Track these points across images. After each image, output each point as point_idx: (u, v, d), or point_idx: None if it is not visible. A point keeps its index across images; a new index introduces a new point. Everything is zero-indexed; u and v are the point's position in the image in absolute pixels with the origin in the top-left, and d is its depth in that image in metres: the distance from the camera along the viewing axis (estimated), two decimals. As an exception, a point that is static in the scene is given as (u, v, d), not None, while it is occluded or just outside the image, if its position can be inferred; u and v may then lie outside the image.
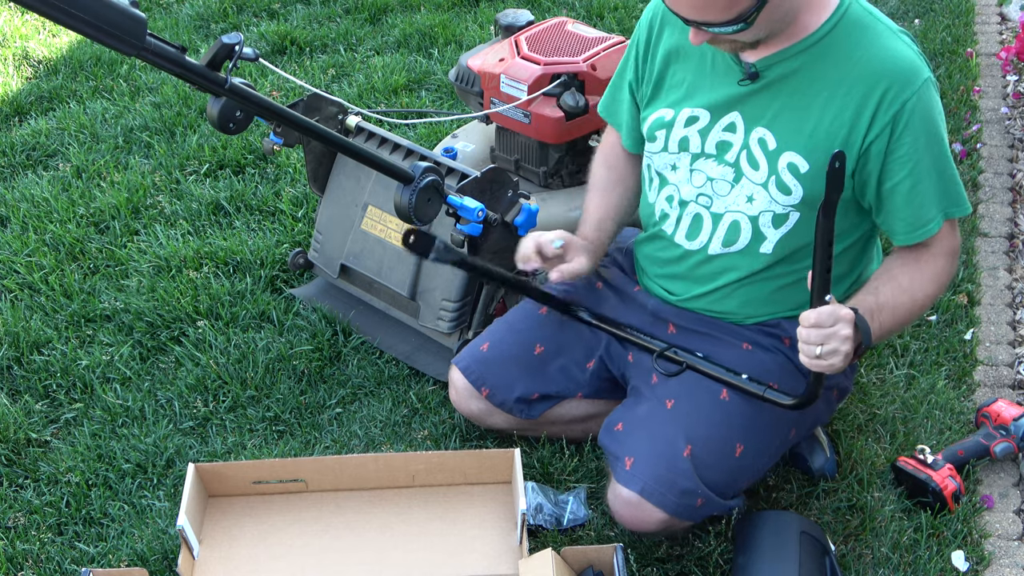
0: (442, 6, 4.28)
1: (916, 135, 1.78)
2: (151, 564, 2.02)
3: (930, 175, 1.81)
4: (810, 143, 1.83)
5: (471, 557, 1.96)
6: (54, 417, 2.41)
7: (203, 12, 4.25)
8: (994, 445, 2.14)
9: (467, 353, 2.18)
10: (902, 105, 1.76)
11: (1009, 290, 2.66)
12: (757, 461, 1.96)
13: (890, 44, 1.80)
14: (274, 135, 2.39)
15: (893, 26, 1.84)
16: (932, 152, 1.80)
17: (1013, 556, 2.00)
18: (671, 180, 2.00)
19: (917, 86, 1.77)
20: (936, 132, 1.81)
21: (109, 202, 3.07)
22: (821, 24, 1.80)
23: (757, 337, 2.00)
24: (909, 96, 1.76)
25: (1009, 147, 3.19)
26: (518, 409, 2.13)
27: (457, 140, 2.88)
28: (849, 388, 2.14)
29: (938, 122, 1.81)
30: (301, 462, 2.06)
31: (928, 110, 1.78)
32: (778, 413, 1.93)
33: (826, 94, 1.80)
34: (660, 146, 1.99)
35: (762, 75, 1.84)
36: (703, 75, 1.92)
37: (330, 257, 2.66)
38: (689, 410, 1.93)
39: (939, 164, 1.82)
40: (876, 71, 1.78)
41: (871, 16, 1.83)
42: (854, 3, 1.82)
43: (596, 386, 2.16)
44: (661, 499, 1.86)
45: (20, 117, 3.62)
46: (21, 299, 2.74)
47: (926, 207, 1.83)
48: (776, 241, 1.90)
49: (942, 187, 1.83)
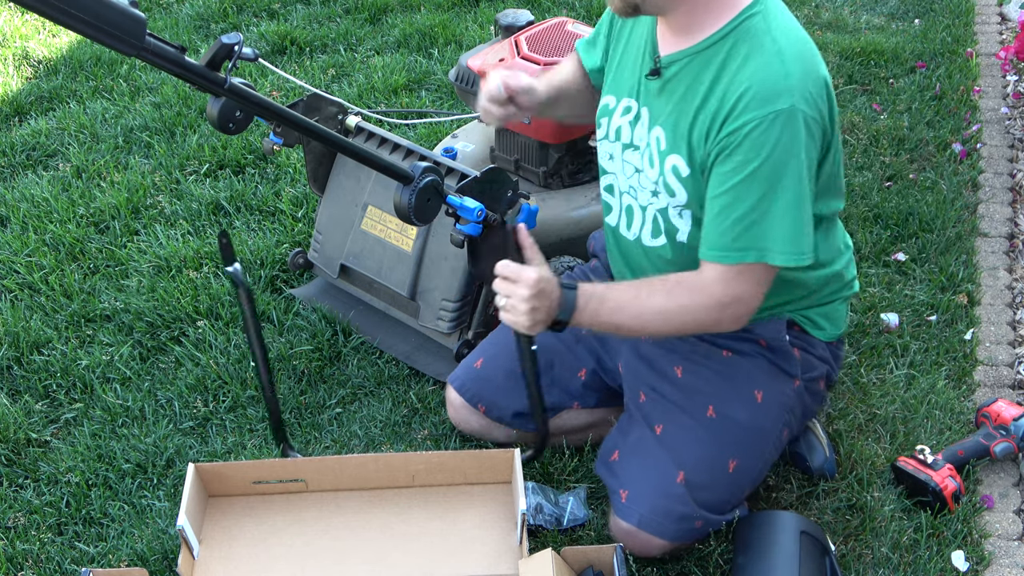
0: (442, 6, 4.28)
1: (747, 159, 1.68)
2: (151, 564, 2.02)
3: (743, 205, 1.70)
4: (688, 147, 1.79)
5: (471, 557, 1.96)
6: (54, 417, 2.41)
7: (203, 12, 4.25)
8: (994, 445, 2.14)
9: (462, 371, 2.19)
10: (742, 125, 1.68)
11: (1009, 290, 2.66)
12: (753, 470, 1.96)
13: (763, 63, 1.68)
14: (274, 135, 2.39)
15: (787, 47, 1.70)
16: (759, 185, 1.69)
17: (1013, 556, 2.00)
18: (609, 170, 2.01)
19: (766, 112, 1.66)
20: (773, 167, 1.67)
21: (109, 202, 3.07)
22: (718, 29, 1.75)
23: (733, 344, 1.99)
24: (752, 119, 1.67)
25: (1009, 147, 3.19)
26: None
27: (457, 140, 2.88)
28: (834, 377, 2.12)
29: (779, 157, 1.67)
30: (301, 462, 2.06)
31: (770, 140, 1.66)
32: (768, 419, 1.94)
33: (700, 101, 1.76)
34: (603, 133, 2.00)
35: (663, 72, 1.82)
36: (635, 67, 1.91)
37: (330, 257, 2.66)
38: (677, 434, 1.93)
39: (762, 201, 1.69)
40: (736, 87, 1.69)
41: (767, 30, 1.71)
42: (758, 13, 1.73)
43: (591, 396, 2.17)
44: (659, 528, 1.87)
45: (20, 117, 3.62)
46: (21, 299, 2.74)
47: (727, 232, 1.73)
48: (688, 234, 1.88)
49: (754, 222, 1.70)
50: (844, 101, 3.48)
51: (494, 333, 2.25)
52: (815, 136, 1.70)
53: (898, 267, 2.74)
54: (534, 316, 1.75)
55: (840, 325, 2.07)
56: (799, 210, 1.71)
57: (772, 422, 1.96)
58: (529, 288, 1.73)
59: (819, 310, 2.02)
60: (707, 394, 1.95)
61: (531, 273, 1.73)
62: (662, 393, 1.99)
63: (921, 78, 3.55)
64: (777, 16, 1.74)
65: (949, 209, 2.91)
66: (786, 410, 1.99)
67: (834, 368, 2.09)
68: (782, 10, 1.78)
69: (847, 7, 4.13)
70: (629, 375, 2.08)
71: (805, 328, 2.01)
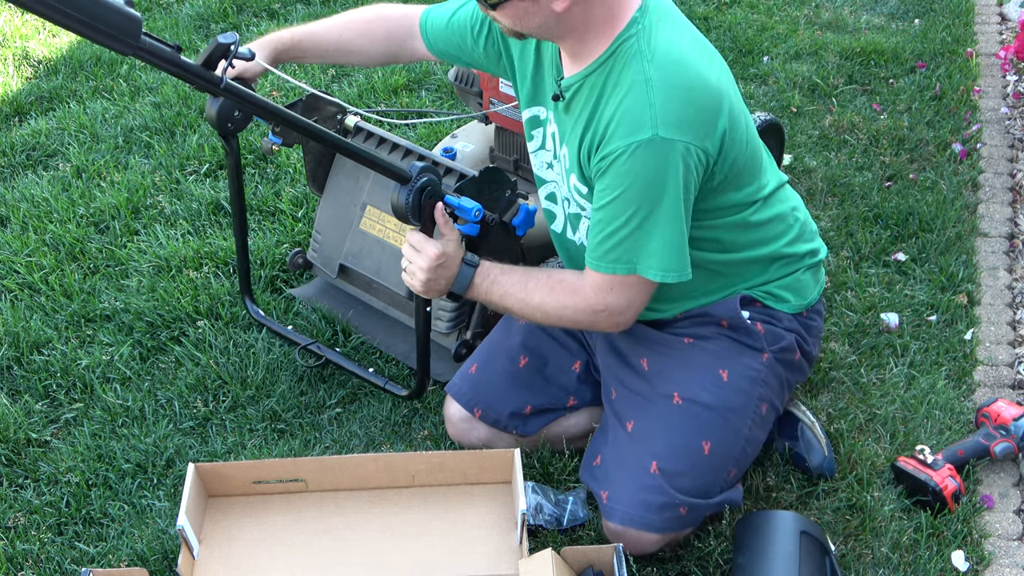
0: (442, 6, 4.28)
1: (613, 184, 1.76)
2: (151, 564, 2.02)
3: (614, 224, 1.78)
4: (579, 166, 1.87)
5: (471, 557, 1.96)
6: (54, 417, 2.41)
7: (203, 12, 4.25)
8: (994, 445, 2.14)
9: (458, 378, 2.20)
10: (609, 152, 1.75)
11: (1009, 290, 2.66)
12: (732, 449, 1.96)
13: (628, 95, 1.73)
14: (273, 135, 2.39)
15: (656, 73, 1.73)
16: (628, 207, 1.75)
17: (1013, 556, 1.99)
18: (548, 178, 2.06)
19: (628, 142, 1.71)
20: (639, 192, 1.74)
21: (109, 202, 3.07)
22: (602, 52, 1.78)
23: (694, 330, 2.02)
24: (616, 148, 1.73)
25: (1009, 147, 3.19)
26: (513, 425, 2.14)
27: (456, 140, 2.88)
28: (813, 353, 2.13)
29: (644, 184, 1.73)
30: (301, 462, 2.06)
31: (633, 169, 1.72)
32: (738, 396, 1.96)
33: (586, 123, 1.82)
34: (538, 144, 2.04)
35: (564, 94, 1.88)
36: (550, 83, 1.95)
37: (329, 257, 2.66)
38: (647, 426, 1.95)
39: (631, 220, 1.76)
40: (607, 115, 1.76)
41: (639, 53, 1.74)
42: (634, 35, 1.75)
43: (586, 390, 2.17)
44: (644, 522, 1.88)
45: (20, 117, 3.62)
46: (21, 299, 2.74)
47: (599, 246, 1.81)
48: None
49: (622, 240, 1.78)
50: (844, 101, 3.48)
51: (488, 338, 2.25)
52: (694, 156, 1.74)
53: (898, 267, 2.74)
54: (429, 285, 1.92)
55: (806, 295, 2.07)
56: (670, 230, 1.77)
57: (743, 398, 1.97)
58: (429, 261, 1.89)
59: (778, 283, 2.04)
60: (672, 382, 1.98)
61: (434, 248, 1.88)
62: (630, 388, 2.02)
63: (921, 78, 3.55)
64: (656, 35, 1.76)
65: (949, 209, 2.91)
66: (758, 384, 1.99)
67: (806, 338, 2.09)
68: (667, 24, 1.78)
69: (847, 7, 4.13)
70: (603, 369, 2.11)
71: (766, 303, 2.03)
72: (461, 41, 2.11)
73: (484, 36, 2.07)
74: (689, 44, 1.79)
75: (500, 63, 2.09)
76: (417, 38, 2.19)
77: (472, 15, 2.08)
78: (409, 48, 2.22)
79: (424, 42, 2.19)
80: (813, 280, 2.10)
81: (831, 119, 3.36)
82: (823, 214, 2.94)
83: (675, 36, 1.78)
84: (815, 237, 2.13)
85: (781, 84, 3.56)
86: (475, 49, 2.09)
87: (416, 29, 2.19)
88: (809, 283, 2.08)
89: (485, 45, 2.07)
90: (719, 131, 1.77)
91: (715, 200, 1.87)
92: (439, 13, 2.16)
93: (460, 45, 2.12)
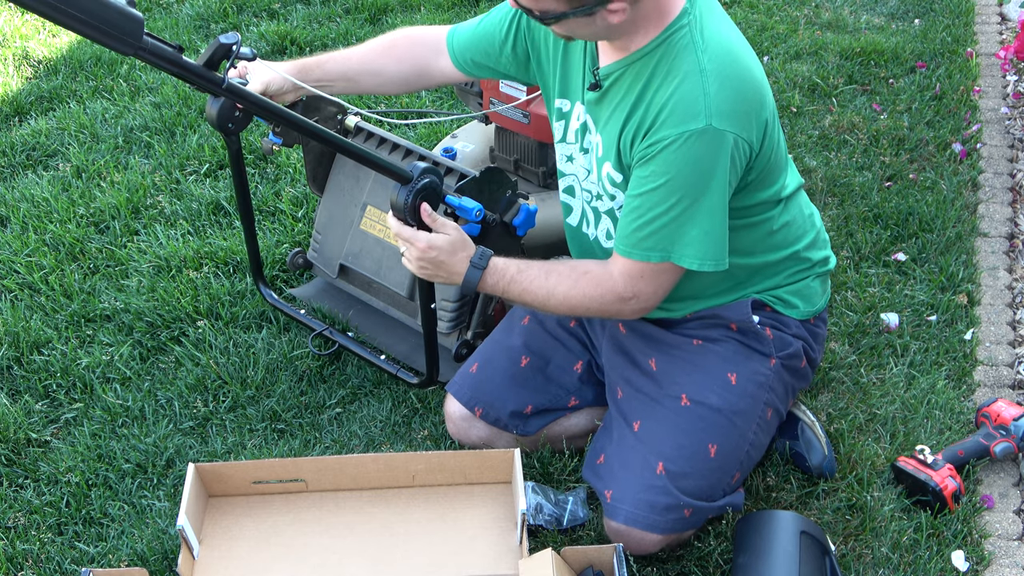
0: (442, 6, 4.28)
1: (659, 171, 1.75)
2: (151, 564, 2.02)
3: (654, 211, 1.77)
4: (618, 154, 1.86)
5: (471, 557, 1.96)
6: (54, 417, 2.41)
7: (203, 12, 4.25)
8: (994, 445, 2.14)
9: (458, 377, 2.20)
10: (659, 140, 1.74)
11: (1009, 290, 2.66)
12: (737, 453, 1.96)
13: (682, 81, 1.73)
14: (273, 135, 2.39)
15: (709, 63, 1.73)
16: (671, 195, 1.75)
17: (1013, 556, 2.00)
18: (568, 171, 2.05)
19: (680, 131, 1.71)
20: (685, 182, 1.74)
21: (109, 202, 3.07)
22: (649, 41, 1.78)
23: (703, 332, 2.02)
24: (667, 136, 1.73)
25: (1009, 147, 3.19)
26: (513, 424, 2.14)
27: (457, 140, 2.88)
28: (817, 361, 2.14)
29: (691, 173, 1.73)
30: (301, 462, 2.06)
31: (682, 157, 1.72)
32: (745, 400, 1.96)
33: (629, 110, 1.81)
34: (560, 136, 2.03)
35: (602, 82, 1.87)
36: (579, 73, 1.95)
37: (329, 257, 2.66)
38: (654, 427, 1.95)
39: (672, 209, 1.76)
40: (658, 102, 1.75)
41: (691, 44, 1.75)
42: (686, 26, 1.76)
43: (588, 391, 2.17)
44: (647, 523, 1.88)
45: (20, 117, 3.62)
46: (21, 299, 2.74)
47: (635, 233, 1.80)
48: None
49: (660, 228, 1.78)
50: (844, 101, 3.48)
51: (489, 338, 2.25)
52: (740, 148, 1.75)
53: (898, 267, 2.74)
54: (424, 272, 1.95)
55: (814, 302, 2.08)
56: (711, 220, 1.77)
57: (750, 402, 1.97)
58: (420, 251, 1.91)
59: (788, 288, 2.04)
60: (680, 383, 1.98)
61: (421, 241, 1.90)
62: (637, 387, 2.02)
63: (921, 78, 3.55)
64: (707, 26, 1.76)
65: (949, 209, 2.91)
66: (765, 389, 2.00)
67: (812, 345, 2.10)
68: (715, 17, 1.79)
69: (847, 7, 4.13)
70: (609, 369, 2.10)
71: (776, 308, 2.03)
72: (489, 47, 2.10)
73: (512, 39, 2.06)
74: (736, 36, 1.81)
75: (528, 64, 2.08)
76: (443, 54, 2.18)
77: (500, 20, 2.07)
78: (435, 66, 2.20)
79: (450, 56, 2.17)
80: (821, 288, 2.10)
81: (831, 119, 3.36)
82: (823, 214, 2.94)
83: (723, 28, 1.79)
84: (827, 247, 2.14)
85: (781, 84, 3.57)
86: (503, 52, 2.08)
87: (442, 45, 2.18)
88: (818, 290, 2.09)
89: (513, 46, 2.06)
90: (762, 124, 1.79)
91: (744, 198, 1.88)
92: (465, 26, 2.16)
93: (487, 51, 2.10)
